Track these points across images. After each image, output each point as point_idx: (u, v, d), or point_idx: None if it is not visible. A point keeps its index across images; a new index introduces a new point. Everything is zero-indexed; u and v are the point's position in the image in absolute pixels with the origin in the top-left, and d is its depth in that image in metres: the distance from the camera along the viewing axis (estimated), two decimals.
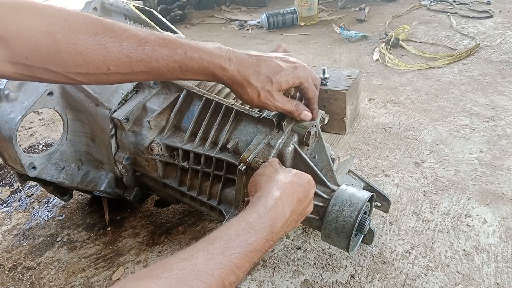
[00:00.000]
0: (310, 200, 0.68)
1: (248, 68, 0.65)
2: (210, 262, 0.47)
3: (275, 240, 0.58)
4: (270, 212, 0.57)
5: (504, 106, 1.44)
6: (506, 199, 1.03)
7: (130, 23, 0.97)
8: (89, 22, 0.55)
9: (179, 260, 0.47)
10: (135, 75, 0.60)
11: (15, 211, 1.17)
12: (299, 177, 0.66)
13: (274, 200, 0.59)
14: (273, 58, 0.68)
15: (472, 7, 2.46)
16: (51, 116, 1.68)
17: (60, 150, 0.94)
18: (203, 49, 0.62)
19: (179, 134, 0.88)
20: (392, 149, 1.27)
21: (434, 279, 0.84)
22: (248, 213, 0.56)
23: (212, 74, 0.64)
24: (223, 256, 0.49)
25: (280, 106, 0.70)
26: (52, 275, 0.95)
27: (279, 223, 0.58)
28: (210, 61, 0.63)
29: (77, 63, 0.54)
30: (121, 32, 0.56)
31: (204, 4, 3.29)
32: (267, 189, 0.61)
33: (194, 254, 0.47)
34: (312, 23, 2.61)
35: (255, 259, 0.53)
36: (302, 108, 0.73)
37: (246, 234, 0.53)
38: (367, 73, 1.83)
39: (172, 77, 0.63)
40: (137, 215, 1.11)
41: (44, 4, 0.54)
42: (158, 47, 0.59)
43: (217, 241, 0.50)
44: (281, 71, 0.67)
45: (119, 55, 0.56)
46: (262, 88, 0.66)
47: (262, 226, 0.55)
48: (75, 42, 0.53)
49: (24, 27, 0.50)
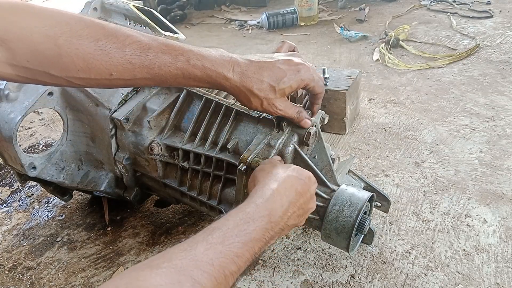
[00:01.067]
0: (311, 195, 0.67)
1: (250, 78, 0.65)
2: (210, 251, 0.47)
3: (276, 231, 0.58)
4: (267, 202, 0.58)
5: (504, 106, 1.44)
6: (506, 199, 1.03)
7: (130, 23, 0.97)
8: (92, 27, 0.54)
9: (178, 251, 0.47)
10: (138, 81, 0.60)
11: (15, 211, 1.17)
12: (298, 172, 0.66)
13: (271, 190, 0.60)
14: (276, 63, 0.67)
15: (472, 7, 2.46)
16: (51, 116, 1.68)
17: (60, 150, 0.94)
18: (206, 57, 0.62)
19: (179, 134, 0.88)
20: (392, 149, 1.28)
21: (434, 279, 0.84)
22: (245, 204, 0.57)
23: (214, 83, 0.64)
24: (222, 246, 0.49)
25: (282, 113, 0.71)
26: (52, 275, 0.95)
27: (278, 213, 0.58)
28: (213, 70, 0.63)
29: (78, 68, 0.54)
30: (124, 38, 0.56)
31: (204, 4, 3.28)
32: (264, 181, 0.62)
33: (193, 245, 0.48)
34: (312, 23, 2.61)
35: (256, 248, 0.53)
36: (303, 116, 0.74)
37: (244, 224, 0.53)
38: (367, 73, 1.83)
39: (175, 84, 0.63)
40: (137, 215, 1.11)
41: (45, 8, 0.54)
42: (161, 53, 0.59)
43: (215, 231, 0.51)
44: (283, 77, 0.66)
45: (122, 61, 0.56)
46: (265, 97, 0.67)
47: (260, 215, 0.55)
48: (77, 47, 0.53)
49: (26, 29, 0.50)
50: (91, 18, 0.57)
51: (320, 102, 0.76)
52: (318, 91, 0.73)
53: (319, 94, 0.74)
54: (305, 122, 0.74)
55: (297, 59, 0.70)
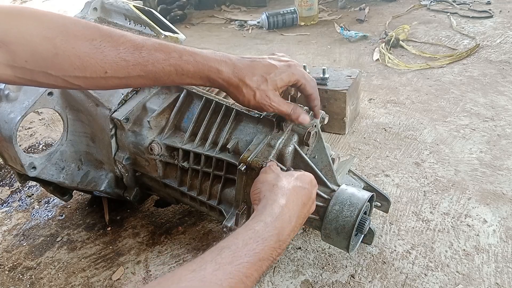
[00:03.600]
0: (313, 201, 0.68)
1: (242, 69, 0.66)
2: (219, 272, 0.47)
3: (283, 248, 0.58)
4: (277, 220, 0.58)
5: (504, 106, 1.44)
6: (506, 199, 1.03)
7: (130, 23, 0.97)
8: (87, 28, 0.56)
9: (187, 271, 0.46)
10: (132, 79, 0.61)
11: (15, 211, 1.17)
12: (301, 179, 0.66)
13: (280, 208, 0.59)
14: (266, 59, 0.69)
15: (472, 7, 2.46)
16: (51, 116, 1.68)
17: (60, 150, 0.94)
18: (198, 53, 0.64)
19: (179, 134, 0.88)
20: (392, 149, 1.28)
21: (434, 279, 0.84)
22: (254, 222, 0.57)
23: (207, 77, 0.65)
24: (231, 266, 0.49)
25: (276, 106, 0.70)
26: (52, 275, 0.95)
27: (286, 231, 0.58)
28: (205, 64, 0.64)
29: (75, 66, 0.55)
30: (118, 37, 0.58)
31: (204, 4, 3.28)
32: (272, 197, 0.62)
33: (202, 265, 0.47)
34: (312, 23, 2.61)
35: (264, 267, 0.53)
36: (299, 111, 0.73)
37: (253, 243, 0.53)
38: (367, 73, 1.83)
39: (169, 82, 0.64)
40: (137, 215, 1.11)
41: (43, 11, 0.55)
42: (154, 51, 0.60)
43: (224, 251, 0.50)
44: (275, 69, 0.68)
45: (116, 59, 0.57)
46: (257, 87, 0.67)
47: (269, 235, 0.55)
48: (73, 46, 0.54)
49: (25, 32, 0.52)
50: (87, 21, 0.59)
51: (317, 104, 0.76)
52: (309, 91, 0.73)
53: (311, 95, 0.73)
54: (302, 119, 0.73)
55: (288, 58, 0.72)
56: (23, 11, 0.53)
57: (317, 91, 0.74)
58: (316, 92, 0.74)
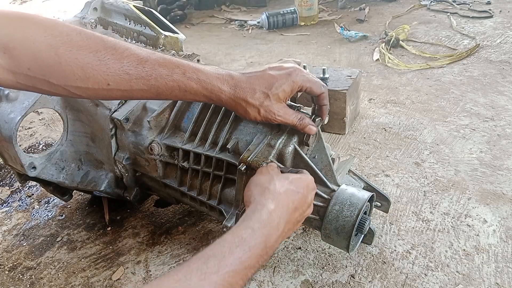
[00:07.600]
0: (308, 205, 0.67)
1: (243, 88, 0.66)
2: (204, 282, 0.47)
3: (270, 254, 0.58)
4: (265, 227, 0.57)
5: (504, 106, 1.44)
6: (506, 199, 1.03)
7: (130, 23, 0.97)
8: (91, 39, 0.56)
9: (172, 281, 0.46)
10: (134, 92, 0.61)
11: (15, 211, 1.17)
12: (296, 183, 0.66)
13: (268, 213, 0.59)
14: (265, 71, 0.68)
15: (472, 7, 2.46)
16: (51, 116, 1.68)
17: (60, 150, 0.94)
18: (201, 70, 0.64)
19: (179, 134, 0.88)
20: (392, 149, 1.27)
21: (434, 279, 0.84)
22: (242, 228, 0.56)
23: (210, 96, 0.65)
24: (217, 276, 0.48)
25: (282, 119, 0.70)
26: (52, 275, 0.95)
27: (274, 237, 0.58)
28: (208, 82, 0.64)
29: (77, 77, 0.55)
30: (122, 50, 0.58)
31: (204, 4, 3.28)
32: (262, 202, 0.61)
33: (188, 275, 0.47)
34: (312, 23, 2.61)
35: (249, 275, 0.53)
36: (306, 122, 0.73)
37: (240, 251, 0.52)
38: (367, 73, 1.83)
39: (172, 97, 0.64)
40: (137, 215, 1.11)
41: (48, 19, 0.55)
42: (158, 66, 0.60)
43: (211, 259, 0.50)
44: (275, 82, 0.67)
45: (119, 72, 0.57)
46: (260, 105, 0.67)
47: (256, 242, 0.55)
48: (76, 57, 0.54)
49: (29, 38, 0.52)
50: (93, 32, 0.58)
51: (326, 103, 0.75)
52: (317, 91, 0.72)
53: (320, 95, 0.73)
54: (309, 129, 0.73)
55: (288, 64, 0.70)
56: (27, 17, 0.53)
57: (326, 90, 0.73)
58: (325, 91, 0.73)
